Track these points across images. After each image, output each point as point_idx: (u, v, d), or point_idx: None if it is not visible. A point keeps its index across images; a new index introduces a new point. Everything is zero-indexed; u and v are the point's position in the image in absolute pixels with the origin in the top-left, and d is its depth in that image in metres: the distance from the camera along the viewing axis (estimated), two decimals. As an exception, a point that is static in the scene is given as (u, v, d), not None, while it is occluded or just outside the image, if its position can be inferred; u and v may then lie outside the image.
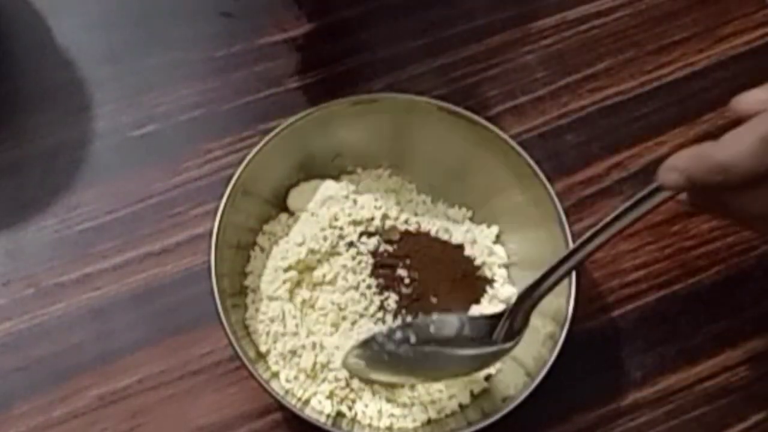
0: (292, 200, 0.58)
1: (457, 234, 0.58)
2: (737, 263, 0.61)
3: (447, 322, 0.53)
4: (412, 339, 0.53)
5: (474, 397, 0.54)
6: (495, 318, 0.53)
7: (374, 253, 0.56)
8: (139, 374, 0.56)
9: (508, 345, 0.52)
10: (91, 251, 0.58)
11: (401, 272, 0.56)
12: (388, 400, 0.54)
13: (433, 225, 0.58)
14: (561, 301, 0.53)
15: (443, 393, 0.54)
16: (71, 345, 0.56)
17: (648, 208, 0.48)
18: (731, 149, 0.44)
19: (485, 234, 0.59)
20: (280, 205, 0.58)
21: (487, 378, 0.55)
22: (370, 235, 0.57)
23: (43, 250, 0.58)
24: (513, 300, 0.52)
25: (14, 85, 0.63)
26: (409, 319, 0.55)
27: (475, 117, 0.57)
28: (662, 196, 0.47)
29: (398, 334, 0.53)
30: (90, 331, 0.56)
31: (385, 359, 0.53)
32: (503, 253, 0.58)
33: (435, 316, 0.54)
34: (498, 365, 0.55)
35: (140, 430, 0.54)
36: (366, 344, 0.53)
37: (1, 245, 0.58)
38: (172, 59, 0.64)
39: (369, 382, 0.54)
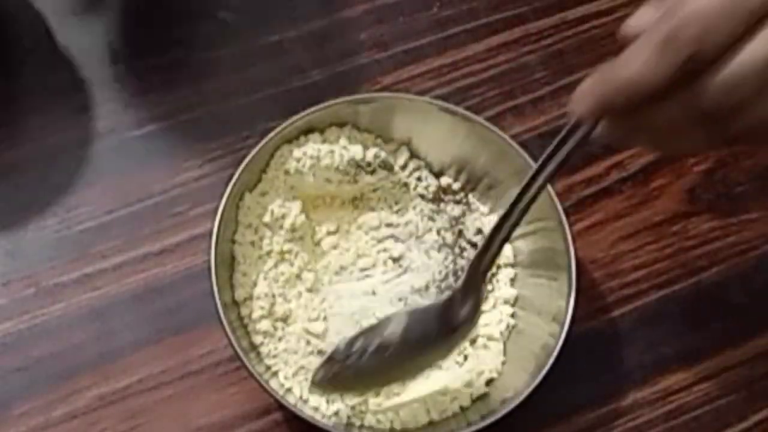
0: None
1: (467, 223, 0.59)
2: (737, 263, 0.61)
3: (395, 322, 0.51)
4: (371, 347, 0.50)
5: (475, 398, 0.54)
6: (447, 303, 0.51)
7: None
8: (139, 374, 0.56)
9: (468, 326, 0.51)
10: (91, 251, 0.58)
11: None
12: (389, 401, 0.54)
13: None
14: (561, 301, 0.53)
15: (445, 396, 0.54)
16: (71, 345, 0.56)
17: (568, 151, 0.47)
18: (633, 63, 0.43)
19: (486, 221, 0.59)
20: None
21: (488, 381, 0.55)
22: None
23: (43, 250, 0.58)
24: (461, 281, 0.51)
25: (14, 85, 0.63)
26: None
27: (475, 117, 0.57)
28: (580, 133, 0.46)
29: (357, 345, 0.50)
30: (90, 331, 0.56)
31: (351, 375, 0.50)
32: (510, 252, 0.58)
33: (382, 319, 0.52)
34: (498, 367, 0.55)
35: (140, 430, 0.55)
36: (327, 364, 0.50)
37: (1, 245, 0.58)
38: (172, 59, 0.64)
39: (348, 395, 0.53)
